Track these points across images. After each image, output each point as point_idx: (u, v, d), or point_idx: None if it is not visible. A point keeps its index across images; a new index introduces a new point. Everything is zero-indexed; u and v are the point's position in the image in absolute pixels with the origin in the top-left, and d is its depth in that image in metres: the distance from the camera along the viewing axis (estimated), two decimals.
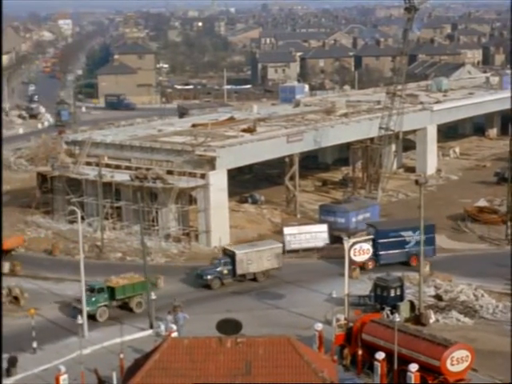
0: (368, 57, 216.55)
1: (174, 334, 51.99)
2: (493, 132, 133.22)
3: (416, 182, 62.30)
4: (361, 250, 63.58)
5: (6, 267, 70.28)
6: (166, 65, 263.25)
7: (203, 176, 78.05)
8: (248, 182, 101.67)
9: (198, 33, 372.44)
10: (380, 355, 47.95)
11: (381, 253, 70.42)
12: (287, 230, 76.53)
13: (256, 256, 68.04)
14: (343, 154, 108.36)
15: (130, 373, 39.89)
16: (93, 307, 59.18)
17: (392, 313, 55.89)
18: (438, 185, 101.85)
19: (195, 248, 77.37)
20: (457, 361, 46.62)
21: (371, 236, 69.82)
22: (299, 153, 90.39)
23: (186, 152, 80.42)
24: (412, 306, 59.07)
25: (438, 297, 63.29)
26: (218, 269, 67.23)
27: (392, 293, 59.42)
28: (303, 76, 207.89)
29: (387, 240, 70.87)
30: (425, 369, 46.70)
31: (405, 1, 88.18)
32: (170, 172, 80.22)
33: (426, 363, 46.92)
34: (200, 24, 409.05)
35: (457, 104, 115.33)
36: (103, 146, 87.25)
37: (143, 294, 61.58)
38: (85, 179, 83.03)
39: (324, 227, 77.10)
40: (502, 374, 49.31)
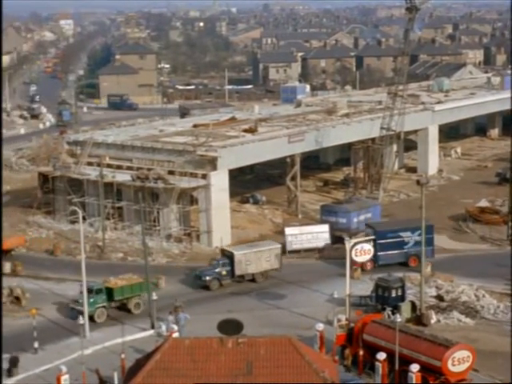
0: (369, 57, 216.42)
1: (175, 335, 51.95)
2: (494, 132, 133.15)
3: (417, 183, 62.34)
4: (362, 251, 63.69)
5: (8, 267, 70.35)
6: (168, 65, 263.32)
7: (204, 176, 78.02)
8: (249, 183, 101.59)
9: (200, 33, 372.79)
10: (381, 355, 47.92)
11: (379, 253, 69.96)
12: (288, 231, 76.45)
13: (255, 257, 67.85)
14: (344, 155, 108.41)
15: (132, 373, 39.87)
16: (91, 308, 58.89)
17: (393, 313, 55.88)
18: (440, 185, 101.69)
19: (196, 248, 77.30)
20: (458, 361, 46.58)
21: (372, 236, 69.73)
22: (300, 153, 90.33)
23: (188, 152, 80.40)
24: (413, 307, 59.03)
25: (440, 297, 63.23)
26: (217, 270, 67.07)
27: (393, 293, 59.39)
28: (304, 76, 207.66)
29: (386, 241, 70.61)
30: (426, 369, 46.69)
31: (406, 1, 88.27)
32: (172, 172, 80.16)
33: (428, 363, 46.91)
34: (201, 24, 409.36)
35: (458, 104, 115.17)
36: (105, 146, 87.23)
37: (141, 295, 61.54)
38: (86, 179, 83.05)
39: (325, 227, 77.00)
40: (503, 375, 49.31)
